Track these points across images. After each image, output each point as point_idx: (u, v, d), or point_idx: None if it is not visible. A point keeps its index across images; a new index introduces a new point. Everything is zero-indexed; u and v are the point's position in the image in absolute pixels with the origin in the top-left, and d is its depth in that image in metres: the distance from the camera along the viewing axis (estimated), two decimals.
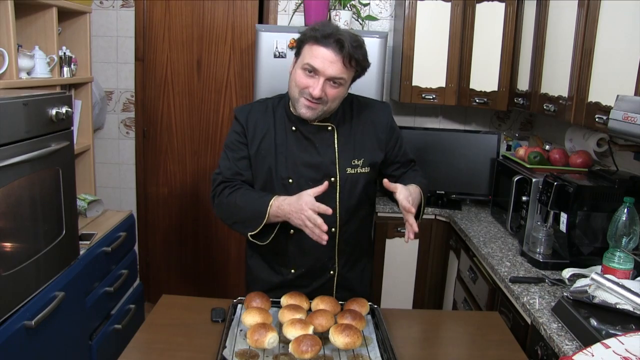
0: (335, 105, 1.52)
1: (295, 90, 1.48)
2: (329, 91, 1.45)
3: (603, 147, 2.28)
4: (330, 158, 1.56)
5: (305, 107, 1.47)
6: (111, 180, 3.33)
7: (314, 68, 1.43)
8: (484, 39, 2.70)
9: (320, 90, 1.43)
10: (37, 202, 1.84)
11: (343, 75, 1.44)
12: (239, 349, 1.31)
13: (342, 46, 1.40)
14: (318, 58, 1.42)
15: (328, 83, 1.44)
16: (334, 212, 1.56)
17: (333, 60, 1.42)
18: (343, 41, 1.40)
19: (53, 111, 1.87)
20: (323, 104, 1.47)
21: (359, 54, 1.44)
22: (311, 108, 1.47)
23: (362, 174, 1.59)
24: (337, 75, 1.43)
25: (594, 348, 1.13)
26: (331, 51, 1.41)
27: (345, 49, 1.40)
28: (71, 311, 2.00)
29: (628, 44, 1.65)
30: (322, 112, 1.49)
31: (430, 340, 1.56)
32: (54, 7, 2.30)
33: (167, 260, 3.39)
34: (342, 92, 1.49)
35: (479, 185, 2.85)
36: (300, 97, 1.47)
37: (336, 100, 1.49)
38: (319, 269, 1.63)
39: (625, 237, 1.60)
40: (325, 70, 1.42)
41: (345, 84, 1.48)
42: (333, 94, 1.46)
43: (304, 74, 1.45)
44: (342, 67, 1.43)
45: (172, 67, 3.17)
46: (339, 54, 1.41)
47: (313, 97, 1.44)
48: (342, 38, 1.40)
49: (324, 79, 1.43)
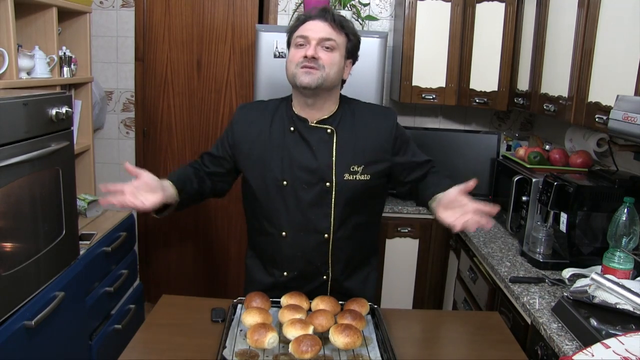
0: (334, 75, 1.49)
1: (292, 66, 1.49)
2: (323, 54, 1.46)
3: (603, 147, 2.28)
4: (326, 162, 1.52)
5: (303, 73, 1.46)
6: (111, 180, 3.25)
7: (304, 36, 1.48)
8: (484, 39, 2.70)
9: (314, 50, 1.45)
10: (37, 202, 1.84)
11: (333, 37, 1.47)
12: (239, 349, 1.31)
13: (325, 12, 1.48)
14: (305, 29, 1.49)
15: (321, 48, 1.47)
16: (328, 217, 1.54)
17: (320, 26, 1.47)
18: (326, 8, 1.50)
19: (53, 111, 1.87)
20: (320, 68, 1.45)
21: (345, 21, 1.51)
22: (309, 73, 1.45)
23: (361, 181, 1.54)
24: (327, 36, 1.47)
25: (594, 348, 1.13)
26: (317, 20, 1.48)
27: (329, 13, 1.48)
28: (71, 311, 2.00)
29: (628, 44, 1.65)
30: (322, 79, 1.46)
31: (430, 340, 1.56)
32: (54, 7, 2.30)
33: (167, 260, 3.38)
34: (337, 58, 1.49)
35: (479, 185, 2.78)
36: (297, 69, 1.47)
37: (333, 66, 1.48)
38: (312, 272, 1.60)
39: (625, 237, 1.60)
40: (314, 33, 1.47)
41: (339, 48, 1.49)
42: (328, 57, 1.47)
43: (296, 49, 1.50)
44: (330, 29, 1.47)
45: (172, 67, 3.17)
46: (324, 20, 1.48)
47: (307, 57, 1.45)
48: (325, 6, 1.51)
49: (315, 42, 1.46)
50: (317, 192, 1.53)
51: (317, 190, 1.53)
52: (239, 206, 1.74)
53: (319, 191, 1.53)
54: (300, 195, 1.53)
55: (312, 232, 1.55)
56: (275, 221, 1.56)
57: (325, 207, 1.53)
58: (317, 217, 1.54)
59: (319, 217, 1.54)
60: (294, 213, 1.54)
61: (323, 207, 1.53)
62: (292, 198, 1.53)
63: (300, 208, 1.53)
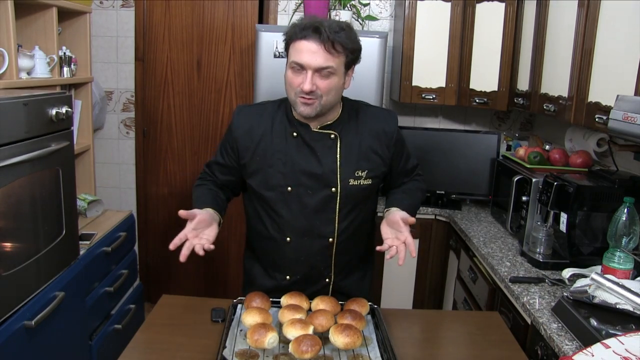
0: (333, 97, 1.45)
1: (291, 92, 1.44)
2: (320, 83, 1.39)
3: (603, 147, 2.28)
4: (331, 168, 1.50)
5: (302, 104, 1.42)
6: (111, 180, 3.33)
7: (299, 63, 1.38)
8: (484, 39, 2.70)
9: (310, 84, 1.38)
10: (37, 202, 1.84)
11: (329, 64, 1.38)
12: (239, 349, 1.31)
13: (319, 33, 1.36)
14: (301, 52, 1.38)
15: (317, 75, 1.39)
16: (332, 222, 1.53)
17: (315, 49, 1.37)
18: (320, 28, 1.36)
19: (53, 111, 1.87)
20: (318, 98, 1.41)
21: (341, 37, 1.38)
22: (307, 104, 1.42)
23: (364, 185, 1.53)
24: (323, 65, 1.37)
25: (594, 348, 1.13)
26: (311, 41, 1.37)
27: (323, 35, 1.35)
28: (71, 311, 2.00)
29: (628, 44, 1.65)
30: (321, 106, 1.43)
31: (430, 340, 1.56)
32: (54, 7, 2.30)
33: (167, 260, 3.38)
34: (335, 82, 1.42)
35: (479, 185, 2.85)
36: (296, 97, 1.43)
37: (332, 91, 1.42)
38: (315, 277, 1.60)
39: (625, 237, 1.60)
40: (310, 62, 1.37)
41: (337, 72, 1.41)
42: (325, 85, 1.40)
43: (293, 73, 1.41)
44: (326, 54, 1.37)
45: (172, 67, 3.17)
46: (318, 42, 1.36)
47: (304, 91, 1.39)
48: (319, 25, 1.36)
49: (311, 72, 1.38)
50: (321, 198, 1.51)
51: (322, 196, 1.51)
52: (239, 207, 1.74)
53: (324, 197, 1.51)
54: (304, 201, 1.51)
55: (317, 237, 1.54)
56: (279, 226, 1.55)
57: (330, 213, 1.52)
58: (322, 223, 1.53)
59: (323, 222, 1.53)
60: (298, 218, 1.53)
61: (328, 213, 1.52)
62: (297, 204, 1.52)
63: (305, 213, 1.52)
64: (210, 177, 1.65)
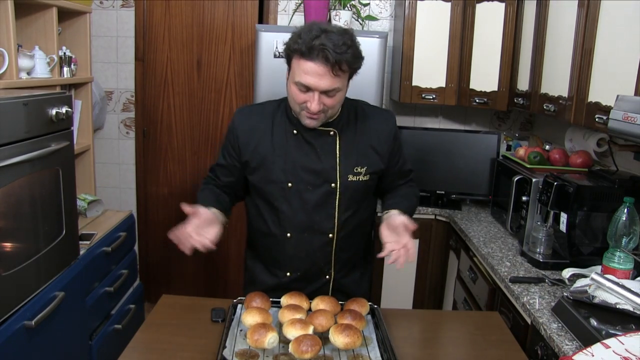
0: (338, 108, 1.51)
1: (295, 105, 1.46)
2: (327, 101, 1.42)
3: (603, 147, 2.28)
4: (331, 164, 1.53)
5: (308, 119, 1.46)
6: (111, 180, 3.32)
7: (306, 86, 1.39)
8: (484, 39, 2.70)
9: (318, 104, 1.41)
10: (37, 202, 1.84)
11: (336, 85, 1.40)
12: (239, 349, 1.31)
13: (327, 58, 1.35)
14: (307, 75, 1.38)
15: (324, 95, 1.41)
16: (332, 218, 1.55)
17: (322, 73, 1.37)
18: (327, 52, 1.34)
19: (53, 111, 1.87)
20: (324, 112, 1.45)
21: (347, 57, 1.37)
22: (314, 119, 1.46)
23: (363, 181, 1.56)
24: (330, 88, 1.40)
25: (594, 348, 1.13)
26: (318, 64, 1.36)
27: (331, 60, 1.35)
28: (71, 311, 2.00)
29: (628, 44, 1.65)
30: (325, 118, 1.49)
31: (430, 340, 1.56)
32: (54, 7, 2.30)
33: (167, 260, 3.38)
34: (340, 97, 1.47)
35: (479, 185, 2.85)
36: (301, 111, 1.46)
37: (337, 105, 1.48)
38: (315, 273, 1.62)
39: (625, 237, 1.60)
40: (318, 85, 1.38)
41: (343, 88, 1.45)
42: (332, 102, 1.44)
43: (298, 90, 1.42)
44: (333, 77, 1.38)
45: (172, 67, 3.17)
46: (326, 66, 1.36)
47: (312, 111, 1.42)
48: (326, 48, 1.34)
49: (318, 93, 1.40)
50: (321, 194, 1.54)
51: (322, 192, 1.54)
52: (239, 206, 1.74)
53: (324, 192, 1.54)
54: (305, 197, 1.54)
55: (317, 233, 1.56)
56: (280, 223, 1.57)
57: (330, 208, 1.54)
58: (322, 218, 1.55)
59: (323, 217, 1.55)
60: (298, 214, 1.55)
61: (327, 208, 1.55)
62: (297, 199, 1.54)
63: (305, 209, 1.54)
64: (214, 180, 1.66)
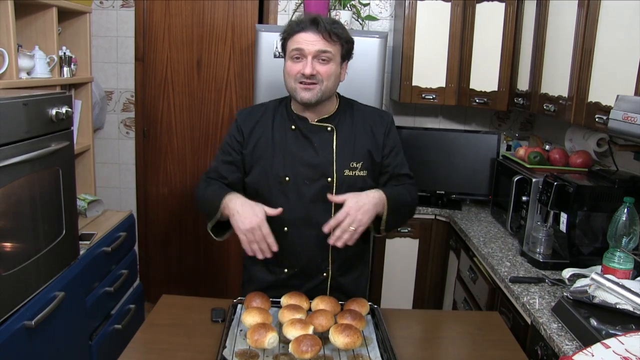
0: (332, 84, 1.54)
1: (290, 80, 1.52)
2: (320, 68, 1.49)
3: (603, 147, 2.28)
4: (328, 158, 1.57)
5: (303, 90, 1.51)
6: (111, 180, 3.32)
7: (299, 49, 1.49)
8: (484, 39, 2.70)
9: (311, 67, 1.48)
10: (37, 202, 1.84)
11: (327, 48, 1.49)
12: (239, 349, 1.31)
13: (317, 24, 1.48)
14: (300, 42, 1.49)
15: (316, 61, 1.49)
16: (328, 212, 1.56)
17: (313, 38, 1.48)
18: (317, 19, 1.48)
19: (53, 111, 1.87)
20: (319, 82, 1.50)
21: (337, 28, 1.50)
22: (309, 89, 1.50)
23: (359, 176, 1.59)
24: (322, 49, 1.48)
25: (594, 348, 1.13)
26: (309, 32, 1.48)
27: (321, 25, 1.47)
28: (71, 311, 2.00)
29: (628, 44, 1.65)
30: (321, 92, 1.51)
31: (430, 340, 1.56)
32: (54, 7, 2.30)
33: (167, 260, 3.38)
34: (334, 69, 1.52)
35: (479, 185, 2.85)
36: (296, 84, 1.51)
37: (331, 77, 1.52)
38: (312, 269, 1.63)
39: (625, 237, 1.60)
40: (310, 48, 1.48)
41: (334, 58, 1.51)
42: (325, 70, 1.50)
43: (292, 62, 1.51)
44: (325, 42, 1.48)
45: (172, 67, 3.17)
46: (316, 32, 1.48)
47: (306, 75, 1.48)
48: (316, 17, 1.49)
49: (311, 57, 1.48)
50: (318, 188, 1.57)
51: (319, 186, 1.57)
52: None
53: (321, 186, 1.56)
54: (302, 191, 1.57)
55: (314, 227, 1.56)
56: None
57: (326, 202, 1.56)
58: (319, 212, 1.57)
59: (320, 211, 1.57)
60: (296, 208, 1.57)
61: (324, 202, 1.56)
62: (295, 193, 1.57)
63: (303, 203, 1.57)
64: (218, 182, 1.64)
